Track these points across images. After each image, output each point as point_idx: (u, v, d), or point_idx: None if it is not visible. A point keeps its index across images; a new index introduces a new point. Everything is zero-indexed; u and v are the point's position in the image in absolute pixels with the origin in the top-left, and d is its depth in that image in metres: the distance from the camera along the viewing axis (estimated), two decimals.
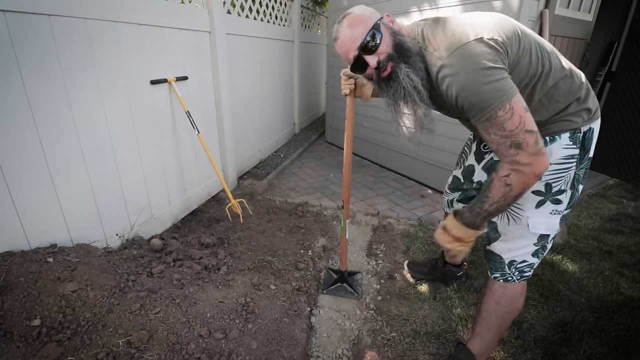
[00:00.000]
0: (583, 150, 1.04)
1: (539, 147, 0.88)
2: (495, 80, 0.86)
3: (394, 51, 0.98)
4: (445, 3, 2.68)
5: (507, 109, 0.86)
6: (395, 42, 0.98)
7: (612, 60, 3.30)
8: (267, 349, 1.32)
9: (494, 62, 0.87)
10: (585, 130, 1.02)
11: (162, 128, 2.12)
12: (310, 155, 4.25)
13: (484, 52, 0.87)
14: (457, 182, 1.50)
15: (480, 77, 0.87)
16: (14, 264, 1.28)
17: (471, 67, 0.87)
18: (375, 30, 0.97)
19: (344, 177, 1.63)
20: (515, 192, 0.93)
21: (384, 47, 0.99)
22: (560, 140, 1.02)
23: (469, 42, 0.89)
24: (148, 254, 1.80)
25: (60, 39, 1.44)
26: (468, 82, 0.88)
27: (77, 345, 1.16)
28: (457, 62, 0.89)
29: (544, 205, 1.07)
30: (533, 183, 0.92)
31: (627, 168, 3.30)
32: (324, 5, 5.54)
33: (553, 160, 1.02)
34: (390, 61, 0.99)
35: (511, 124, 0.87)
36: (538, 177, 0.90)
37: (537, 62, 0.96)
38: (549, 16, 2.47)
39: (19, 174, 1.35)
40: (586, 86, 1.04)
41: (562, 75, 0.99)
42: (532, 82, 0.98)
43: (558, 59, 1.01)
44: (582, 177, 1.09)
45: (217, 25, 2.52)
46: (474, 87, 0.88)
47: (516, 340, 1.46)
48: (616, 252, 2.11)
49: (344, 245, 1.80)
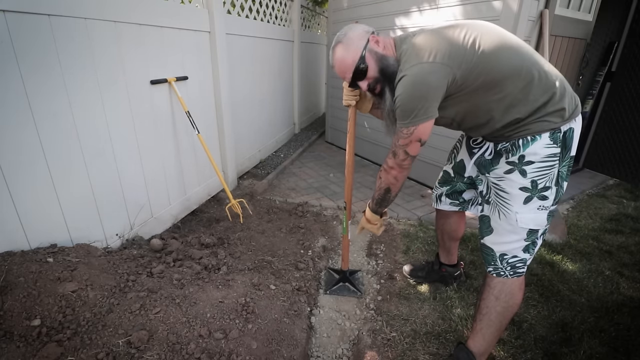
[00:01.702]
0: (565, 149, 1.10)
1: (404, 163, 1.19)
2: (417, 106, 1.06)
3: (380, 75, 1.19)
4: (445, 3, 2.68)
5: (410, 132, 1.11)
6: (379, 67, 1.18)
7: (612, 60, 3.30)
8: (267, 349, 1.32)
9: (428, 88, 1.05)
10: (566, 130, 1.09)
11: (162, 128, 2.12)
12: (310, 155, 4.25)
13: (425, 78, 1.04)
14: (447, 177, 1.55)
15: (410, 97, 1.07)
16: (14, 264, 1.28)
17: (409, 85, 1.06)
18: (362, 61, 1.16)
19: (346, 179, 1.66)
20: (383, 185, 1.29)
21: (371, 73, 1.19)
22: (541, 140, 1.08)
23: (419, 64, 1.05)
24: (148, 254, 1.80)
25: (60, 39, 1.44)
26: (402, 95, 1.08)
27: (77, 345, 1.16)
28: (407, 79, 1.07)
29: (531, 201, 1.13)
30: (394, 183, 1.26)
31: (627, 168, 3.30)
32: (324, 5, 5.54)
33: (537, 159, 1.10)
34: (378, 84, 1.21)
35: (403, 141, 1.14)
36: (395, 179, 1.24)
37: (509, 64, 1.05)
38: (549, 16, 2.47)
39: (19, 173, 1.35)
40: (561, 83, 1.09)
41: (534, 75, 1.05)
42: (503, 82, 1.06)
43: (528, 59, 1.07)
44: (566, 174, 1.15)
45: (217, 25, 2.52)
46: (403, 101, 1.08)
47: (516, 340, 1.46)
48: (616, 252, 2.11)
49: (346, 245, 1.81)
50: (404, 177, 1.25)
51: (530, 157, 1.10)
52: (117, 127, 1.78)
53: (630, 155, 3.23)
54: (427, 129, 1.10)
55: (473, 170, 1.43)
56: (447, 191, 1.57)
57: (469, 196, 1.54)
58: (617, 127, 3.28)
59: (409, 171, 1.23)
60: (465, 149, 1.43)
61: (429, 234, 2.35)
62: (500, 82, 1.06)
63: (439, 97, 1.07)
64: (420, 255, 2.12)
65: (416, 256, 2.10)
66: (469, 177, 1.46)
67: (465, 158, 1.44)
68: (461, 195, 1.54)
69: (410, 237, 2.29)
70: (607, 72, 3.36)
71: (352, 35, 1.19)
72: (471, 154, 1.38)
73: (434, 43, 1.07)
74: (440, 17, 2.75)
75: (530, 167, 1.11)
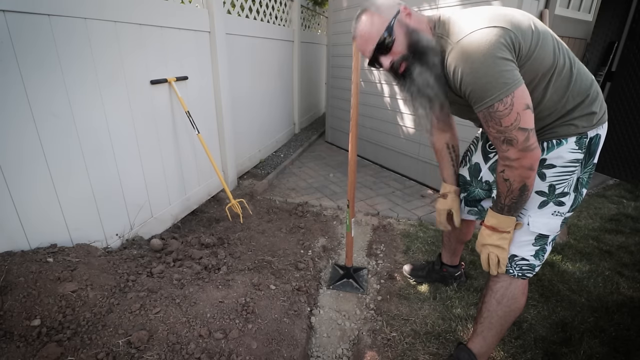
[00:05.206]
0: (588, 155, 1.05)
1: (528, 143, 0.92)
2: (499, 71, 0.87)
3: (409, 51, 1.00)
4: (445, 3, 2.68)
5: (507, 104, 0.88)
6: (409, 41, 0.99)
7: (612, 60, 3.30)
8: (267, 349, 1.32)
9: (501, 51, 0.87)
10: (592, 136, 1.04)
11: (162, 128, 2.12)
12: (310, 155, 4.25)
13: (493, 40, 0.87)
14: (464, 181, 1.44)
15: (485, 65, 0.87)
16: (14, 264, 1.28)
17: (477, 53, 0.88)
18: (389, 32, 0.98)
19: (349, 175, 1.66)
20: (516, 185, 0.99)
21: (398, 48, 1.00)
22: (567, 144, 1.03)
23: (479, 30, 0.89)
24: (148, 254, 1.80)
25: (60, 39, 1.44)
26: (472, 68, 0.89)
27: (77, 345, 1.16)
28: (465, 47, 0.90)
29: (547, 206, 1.09)
30: (529, 174, 0.97)
31: (627, 168, 3.30)
32: (324, 5, 5.54)
33: (559, 163, 1.04)
34: (403, 61, 1.01)
35: (507, 120, 0.90)
36: (530, 169, 0.95)
37: (554, 57, 0.96)
38: (549, 16, 2.47)
39: (19, 174, 1.35)
40: (595, 87, 1.03)
41: (574, 73, 1.00)
42: (546, 77, 0.97)
43: (569, 57, 1.01)
44: (586, 181, 1.10)
45: (217, 25, 2.52)
46: (477, 74, 0.89)
47: (516, 340, 1.46)
48: (616, 252, 2.11)
49: (349, 241, 1.83)
50: (537, 161, 0.96)
51: (553, 160, 1.04)
52: (117, 127, 1.78)
53: (630, 155, 3.23)
54: (524, 91, 0.90)
55: (488, 175, 1.35)
56: (464, 198, 1.46)
57: (487, 204, 1.42)
58: (617, 127, 3.28)
59: (539, 150, 0.96)
60: (480, 152, 1.37)
61: (429, 234, 2.35)
62: (545, 74, 0.96)
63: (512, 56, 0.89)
64: (420, 255, 2.11)
65: (416, 256, 2.10)
66: (487, 182, 1.36)
67: (480, 161, 1.37)
68: (479, 203, 1.44)
69: (410, 237, 2.29)
70: (607, 72, 3.36)
71: (381, 3, 1.03)
72: (487, 158, 1.33)
73: (485, 13, 0.93)
74: None
75: (550, 171, 1.06)
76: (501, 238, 1.11)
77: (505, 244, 1.12)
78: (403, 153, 3.40)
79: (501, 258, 1.13)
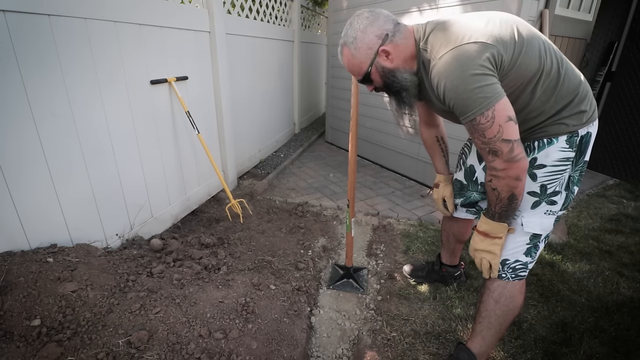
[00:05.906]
0: (579, 153, 1.07)
1: (513, 154, 0.94)
2: (479, 87, 0.90)
3: (383, 87, 1.16)
4: (445, 3, 2.68)
5: (488, 117, 0.92)
6: (385, 82, 1.13)
7: (612, 60, 3.30)
8: (267, 349, 1.32)
9: (481, 68, 0.91)
10: (583, 134, 1.05)
11: (162, 128, 2.12)
12: (310, 155, 4.25)
13: (473, 57, 0.91)
14: (460, 186, 1.46)
15: (465, 81, 0.91)
16: (14, 264, 1.28)
17: (458, 70, 0.92)
18: (366, 76, 1.12)
19: (349, 175, 1.67)
20: (504, 194, 1.02)
21: (377, 84, 1.16)
22: (557, 143, 1.05)
23: (459, 46, 0.93)
24: (148, 254, 1.80)
25: (60, 38, 1.44)
26: (453, 84, 0.93)
27: (77, 345, 1.16)
28: (447, 63, 0.94)
29: (539, 206, 1.10)
30: (516, 184, 0.99)
31: (627, 168, 3.30)
32: (324, 5, 5.54)
33: (549, 163, 1.06)
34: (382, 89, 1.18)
35: (490, 133, 0.93)
36: (517, 179, 0.98)
37: (540, 61, 0.98)
38: (549, 16, 2.47)
39: (19, 173, 1.35)
40: (584, 86, 1.05)
41: (562, 74, 1.01)
42: (533, 80, 1.00)
43: (557, 58, 1.03)
44: (577, 179, 1.11)
45: (217, 25, 2.52)
46: (457, 89, 0.93)
47: (516, 340, 1.46)
48: (616, 252, 2.11)
49: (350, 241, 1.83)
50: (524, 171, 0.97)
51: (543, 160, 1.06)
52: (117, 127, 1.78)
53: (630, 155, 3.24)
54: (506, 104, 0.92)
55: (483, 175, 1.36)
56: (462, 202, 1.49)
57: (485, 205, 1.43)
58: (617, 127, 3.28)
59: (526, 161, 0.97)
60: (475, 153, 1.38)
61: (429, 234, 2.35)
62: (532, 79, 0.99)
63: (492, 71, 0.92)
64: (420, 255, 2.12)
65: (416, 256, 2.10)
66: (482, 184, 1.38)
67: (474, 163, 1.39)
68: (477, 204, 1.47)
69: (410, 237, 2.29)
70: (607, 72, 3.36)
71: (360, 43, 1.07)
72: (481, 159, 1.35)
73: (467, 27, 0.97)
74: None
75: (541, 172, 1.07)
76: (493, 244, 1.13)
77: (497, 250, 1.13)
78: (403, 153, 3.40)
79: (493, 263, 1.16)
